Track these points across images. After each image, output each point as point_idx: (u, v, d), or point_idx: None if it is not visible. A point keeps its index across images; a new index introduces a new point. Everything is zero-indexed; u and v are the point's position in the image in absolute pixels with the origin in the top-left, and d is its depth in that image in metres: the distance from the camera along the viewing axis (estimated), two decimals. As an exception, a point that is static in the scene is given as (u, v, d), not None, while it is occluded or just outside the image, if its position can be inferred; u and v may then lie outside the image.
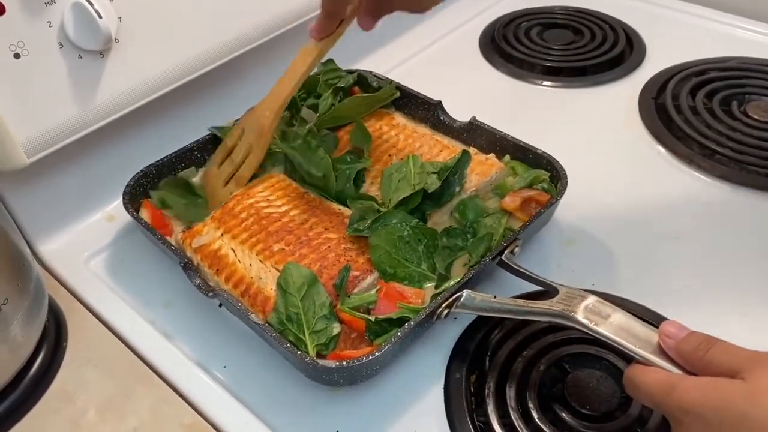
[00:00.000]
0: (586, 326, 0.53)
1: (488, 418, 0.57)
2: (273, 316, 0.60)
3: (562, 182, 0.70)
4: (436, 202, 0.70)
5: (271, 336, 0.57)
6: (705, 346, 0.46)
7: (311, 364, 0.55)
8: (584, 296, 0.55)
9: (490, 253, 0.64)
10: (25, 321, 0.59)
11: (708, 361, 0.45)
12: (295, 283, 0.61)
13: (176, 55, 0.75)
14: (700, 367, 0.46)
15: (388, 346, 0.55)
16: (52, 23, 0.64)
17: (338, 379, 0.58)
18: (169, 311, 0.69)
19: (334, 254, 0.64)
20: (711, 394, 0.43)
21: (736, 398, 0.42)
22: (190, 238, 0.68)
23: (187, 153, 0.78)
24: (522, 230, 0.66)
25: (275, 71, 0.91)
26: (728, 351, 0.45)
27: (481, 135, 0.79)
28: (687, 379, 0.46)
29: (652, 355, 0.49)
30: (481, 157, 0.75)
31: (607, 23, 1.08)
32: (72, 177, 0.76)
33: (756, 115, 0.87)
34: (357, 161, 0.75)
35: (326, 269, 0.63)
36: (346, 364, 0.55)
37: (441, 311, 0.60)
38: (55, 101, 0.67)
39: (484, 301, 0.59)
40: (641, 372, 0.48)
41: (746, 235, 0.74)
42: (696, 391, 0.44)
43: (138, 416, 0.59)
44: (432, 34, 1.08)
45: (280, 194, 0.72)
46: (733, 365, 0.44)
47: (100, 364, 0.63)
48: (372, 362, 0.55)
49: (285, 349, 0.56)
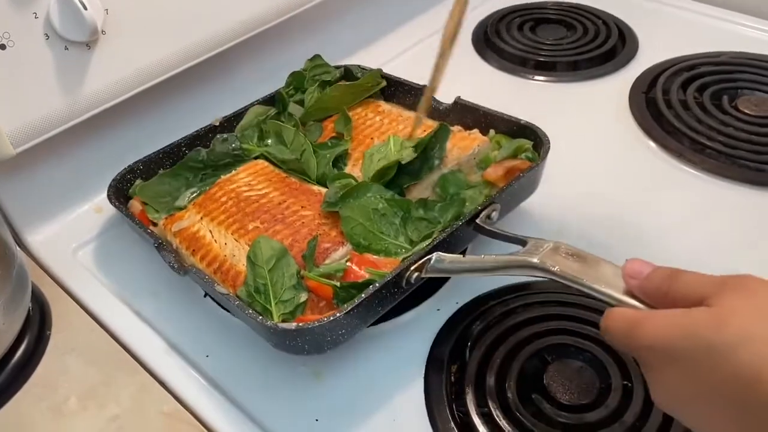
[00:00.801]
0: (553, 272, 0.51)
1: (467, 408, 0.57)
2: (242, 289, 0.60)
3: (545, 148, 0.69)
4: (414, 176, 0.69)
5: (235, 304, 0.57)
6: (669, 280, 0.43)
7: (272, 328, 0.54)
8: (550, 243, 0.54)
9: (462, 217, 0.63)
10: (6, 308, 0.59)
11: (674, 295, 0.42)
12: (264, 255, 0.60)
13: (164, 48, 0.75)
14: (666, 302, 0.43)
15: (350, 307, 0.54)
16: (38, 14, 0.65)
17: (303, 345, 0.56)
18: (154, 301, 0.69)
19: (308, 229, 0.64)
20: (674, 326, 0.40)
21: (700, 327, 0.38)
22: (171, 223, 0.69)
23: (175, 149, 0.77)
24: (499, 194, 0.65)
25: (265, 64, 0.92)
26: (693, 280, 0.42)
27: (465, 114, 0.78)
28: (651, 314, 0.42)
29: (621, 294, 0.46)
30: (464, 133, 0.75)
31: (600, 18, 1.08)
32: (60, 168, 0.76)
33: (747, 109, 0.86)
34: (337, 145, 0.75)
35: (297, 243, 0.63)
36: (308, 326, 0.53)
37: (410, 274, 0.58)
38: (42, 92, 0.67)
39: (454, 262, 0.58)
40: (608, 313, 0.45)
41: (736, 229, 0.73)
42: (660, 323, 0.41)
43: (119, 404, 0.59)
44: (424, 29, 1.08)
45: (262, 179, 0.72)
46: (699, 292, 0.41)
47: (84, 353, 0.63)
48: (335, 325, 0.54)
49: (247, 316, 0.55)
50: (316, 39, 0.96)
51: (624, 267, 0.47)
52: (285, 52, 0.94)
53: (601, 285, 0.48)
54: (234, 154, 0.77)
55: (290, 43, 0.94)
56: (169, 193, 0.74)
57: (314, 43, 0.94)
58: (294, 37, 0.94)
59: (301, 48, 0.93)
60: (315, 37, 0.97)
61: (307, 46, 0.92)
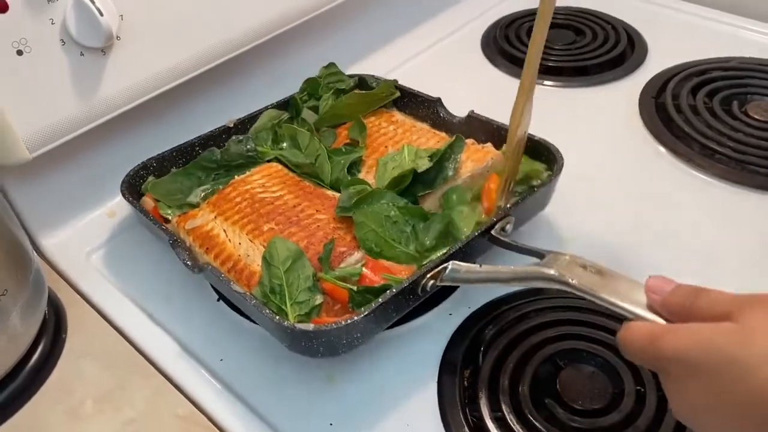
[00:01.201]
0: (574, 286, 0.51)
1: (481, 412, 0.57)
2: (257, 289, 0.60)
3: (558, 165, 0.69)
4: (428, 185, 0.69)
5: (251, 303, 0.57)
6: (692, 296, 0.43)
7: (289, 329, 0.55)
8: (572, 258, 0.54)
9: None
10: (24, 312, 0.59)
11: (697, 310, 0.42)
12: (280, 256, 0.61)
13: (178, 53, 0.76)
14: (689, 318, 0.43)
15: (367, 311, 0.55)
16: (54, 20, 0.65)
17: (318, 347, 0.56)
18: (167, 305, 0.70)
19: (323, 233, 0.64)
20: (698, 338, 0.40)
21: (725, 340, 0.38)
22: (184, 221, 0.69)
23: (188, 148, 0.78)
24: (513, 207, 0.65)
25: (277, 69, 0.93)
26: (716, 297, 0.42)
27: (479, 127, 0.79)
28: (673, 327, 0.43)
29: (642, 310, 0.46)
30: (478, 146, 0.75)
31: (609, 23, 1.08)
32: (74, 173, 0.77)
33: (757, 115, 0.86)
34: (352, 151, 0.76)
35: (313, 245, 0.63)
36: (325, 328, 0.54)
37: (426, 282, 0.59)
38: (57, 97, 0.68)
39: (470, 272, 0.59)
40: (628, 327, 0.45)
41: (746, 234, 0.73)
42: (683, 336, 0.41)
43: (134, 407, 0.59)
44: (434, 34, 1.09)
45: (276, 181, 0.73)
46: (721, 310, 0.41)
47: (99, 356, 0.64)
48: (351, 328, 0.55)
49: (264, 315, 0.56)
50: (328, 44, 0.97)
51: (646, 282, 0.47)
52: (297, 57, 0.94)
53: (620, 299, 0.48)
54: (248, 156, 0.77)
55: (302, 48, 0.95)
56: (181, 190, 0.74)
57: (326, 48, 0.95)
58: (306, 42, 0.94)
59: (313, 53, 0.93)
60: (326, 43, 0.97)
61: (318, 51, 0.93)
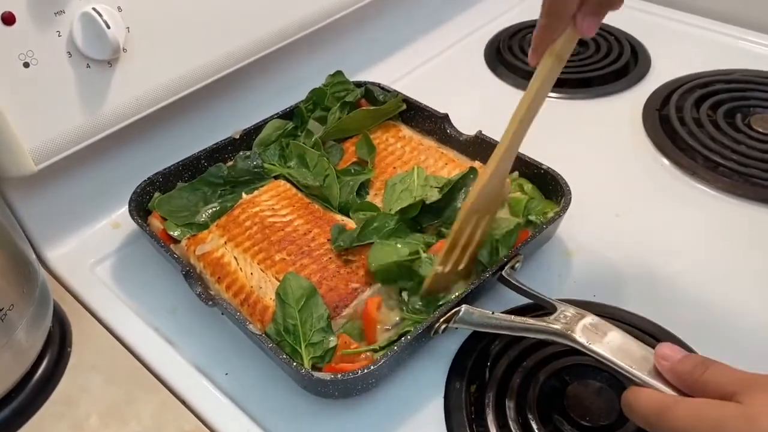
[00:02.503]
0: (583, 345, 0.53)
1: (488, 429, 0.57)
2: (271, 326, 0.60)
3: (566, 198, 0.70)
4: (436, 215, 0.70)
5: (268, 347, 0.58)
6: (701, 368, 0.46)
7: (306, 377, 0.56)
8: (582, 315, 0.56)
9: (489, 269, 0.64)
10: (30, 326, 0.59)
11: (704, 383, 0.45)
12: (294, 294, 0.61)
13: (184, 65, 0.76)
14: (695, 389, 0.46)
15: (383, 360, 0.56)
16: (61, 33, 0.65)
17: (333, 392, 0.58)
18: (173, 318, 0.70)
19: (335, 265, 0.64)
20: (705, 416, 0.42)
21: (731, 421, 0.41)
22: (195, 245, 0.69)
23: (194, 161, 0.78)
24: (523, 246, 0.66)
25: (282, 80, 0.93)
26: (724, 373, 0.45)
27: (486, 149, 0.78)
28: (681, 401, 0.45)
29: (648, 376, 0.49)
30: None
31: (612, 35, 1.08)
32: (79, 184, 0.77)
33: (760, 127, 0.87)
34: (361, 173, 0.75)
35: (326, 280, 0.63)
36: (341, 377, 0.55)
37: (439, 326, 0.60)
38: (63, 110, 0.68)
39: (482, 317, 0.60)
40: (636, 393, 0.48)
41: (749, 247, 0.74)
42: (690, 412, 0.43)
43: (140, 422, 0.59)
44: (438, 44, 1.09)
45: (285, 203, 0.72)
46: (729, 387, 0.43)
47: (104, 370, 0.64)
48: (367, 375, 0.56)
49: (281, 360, 0.57)
50: (333, 54, 0.97)
51: (657, 349, 0.49)
52: (302, 68, 0.94)
53: (629, 364, 0.50)
54: (254, 172, 0.77)
55: (307, 58, 0.95)
56: (187, 208, 0.74)
57: (331, 58, 0.95)
58: (310, 52, 0.94)
59: (317, 63, 0.94)
60: (332, 53, 0.97)
61: (323, 61, 0.93)
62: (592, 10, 0.53)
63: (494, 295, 0.68)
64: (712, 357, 0.47)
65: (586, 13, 0.53)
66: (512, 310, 0.66)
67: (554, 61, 0.56)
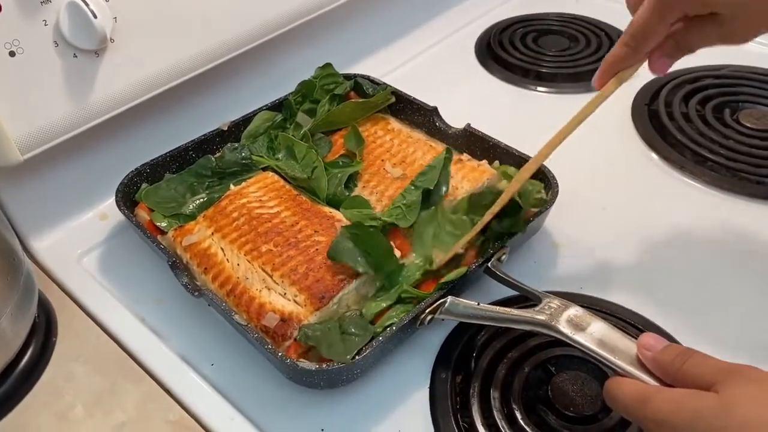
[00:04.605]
0: (567, 336, 0.53)
1: (473, 419, 0.58)
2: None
3: (553, 191, 0.70)
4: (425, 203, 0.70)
5: (253, 337, 0.58)
6: (681, 358, 0.46)
7: (291, 367, 0.56)
8: (566, 306, 0.56)
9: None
10: (14, 316, 0.59)
11: (684, 373, 0.46)
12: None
13: (171, 56, 0.75)
14: (676, 379, 0.46)
15: (368, 350, 0.56)
16: (47, 22, 0.65)
17: (318, 382, 0.58)
18: (159, 308, 0.69)
19: (322, 257, 0.64)
20: (684, 407, 0.43)
21: (708, 411, 0.42)
22: (181, 236, 0.69)
23: (182, 152, 0.78)
24: (509, 239, 0.66)
25: (271, 72, 0.93)
26: (704, 363, 0.45)
27: (474, 141, 0.79)
28: (661, 391, 0.46)
29: (630, 366, 0.49)
30: (474, 163, 0.75)
31: (603, 30, 1.08)
32: (66, 175, 0.77)
33: (748, 122, 0.87)
34: (349, 165, 0.75)
35: (312, 272, 0.63)
36: (326, 367, 0.56)
37: (424, 317, 0.60)
38: (50, 99, 0.67)
39: (468, 308, 0.60)
40: (618, 383, 0.48)
41: (737, 242, 0.74)
42: (669, 403, 0.44)
43: (125, 412, 0.59)
44: (429, 39, 1.09)
45: (273, 195, 0.72)
46: (709, 377, 0.44)
47: (89, 360, 0.63)
48: (352, 366, 0.56)
49: (266, 350, 0.57)
50: (323, 46, 0.97)
51: (640, 339, 0.49)
52: (291, 60, 0.94)
53: (613, 355, 0.50)
54: (242, 163, 0.77)
55: (297, 50, 0.94)
56: (175, 199, 0.74)
57: (321, 50, 0.95)
58: (301, 44, 0.94)
59: (307, 55, 0.93)
60: (322, 45, 0.97)
61: (313, 53, 0.93)
62: (669, 52, 0.57)
63: (480, 286, 0.68)
64: (695, 348, 0.47)
65: (663, 54, 0.57)
66: (498, 301, 0.66)
67: (617, 85, 0.60)
